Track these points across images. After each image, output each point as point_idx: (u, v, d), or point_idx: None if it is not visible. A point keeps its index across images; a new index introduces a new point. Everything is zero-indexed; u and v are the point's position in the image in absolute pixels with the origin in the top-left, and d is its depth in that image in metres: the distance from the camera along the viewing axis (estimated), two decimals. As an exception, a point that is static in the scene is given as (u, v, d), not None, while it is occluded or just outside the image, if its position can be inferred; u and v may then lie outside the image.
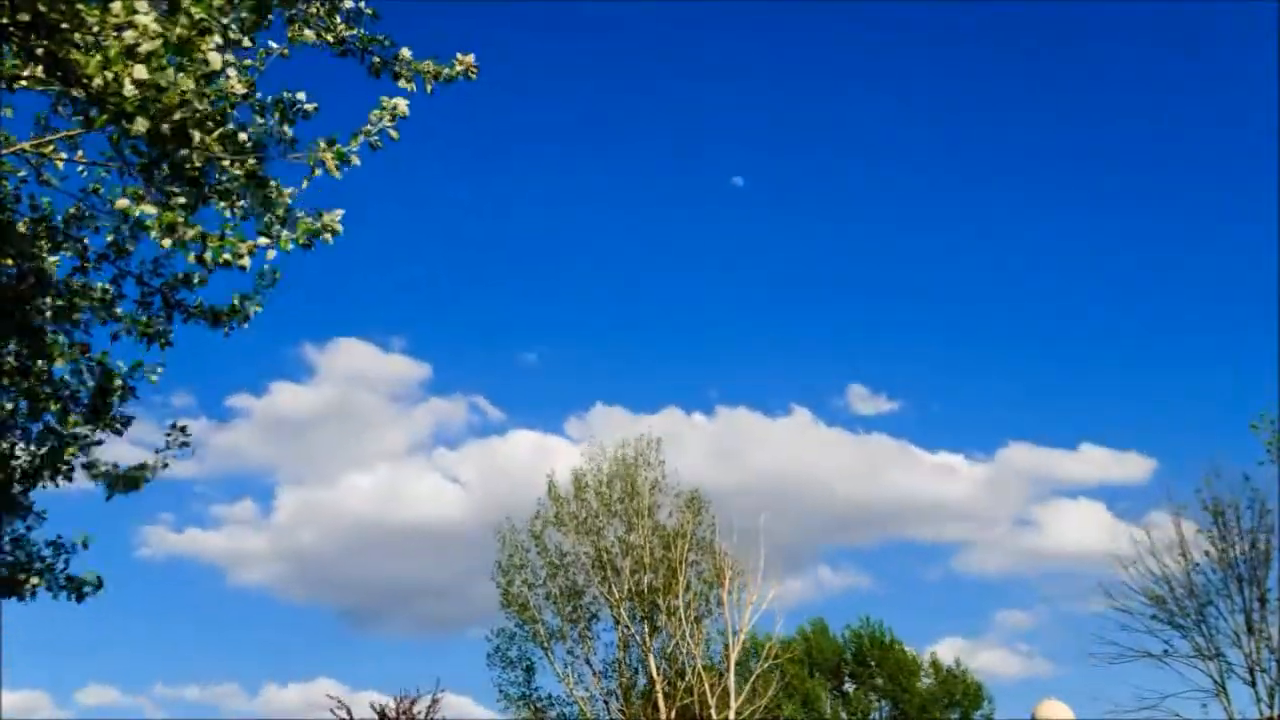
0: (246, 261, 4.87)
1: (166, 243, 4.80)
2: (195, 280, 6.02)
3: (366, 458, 59.58)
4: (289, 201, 5.03)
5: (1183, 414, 60.59)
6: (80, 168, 6.02)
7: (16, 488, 6.08)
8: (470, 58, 5.85)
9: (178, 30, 4.14)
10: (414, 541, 53.26)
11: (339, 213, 5.17)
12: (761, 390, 69.89)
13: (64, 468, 6.16)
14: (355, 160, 5.12)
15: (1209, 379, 61.78)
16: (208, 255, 4.77)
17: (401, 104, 5.26)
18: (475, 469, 53.29)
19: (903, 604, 55.07)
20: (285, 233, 5.06)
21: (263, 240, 5.01)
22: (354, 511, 52.69)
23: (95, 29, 4.15)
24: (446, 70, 5.80)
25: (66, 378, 6.28)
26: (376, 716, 25.34)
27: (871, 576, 57.51)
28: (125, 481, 6.18)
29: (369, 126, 5.20)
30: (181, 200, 5.03)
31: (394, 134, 5.23)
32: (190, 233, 4.82)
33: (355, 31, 5.83)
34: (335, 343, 56.19)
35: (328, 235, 5.12)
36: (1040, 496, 60.56)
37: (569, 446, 52.41)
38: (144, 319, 6.03)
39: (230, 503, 60.44)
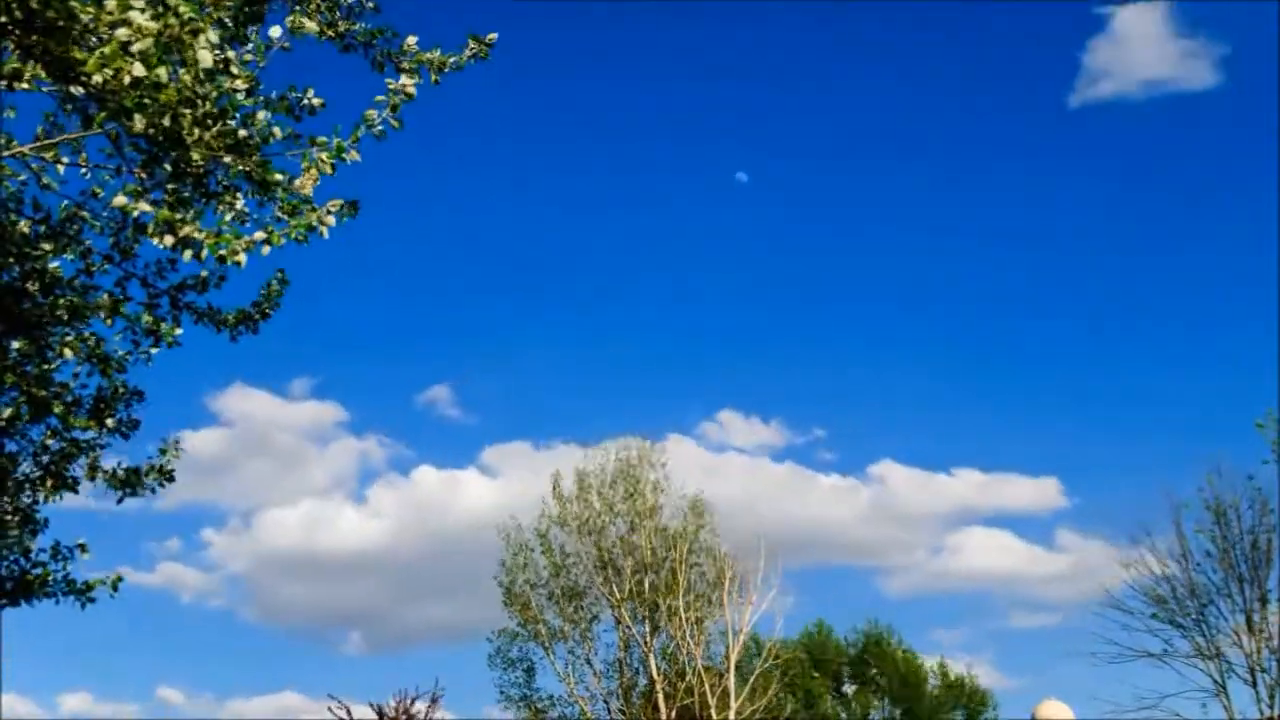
0: (242, 258, 4.82)
1: (168, 240, 4.78)
2: (204, 284, 6.01)
3: (286, 496, 63.04)
4: (309, 193, 4.95)
5: (1088, 440, 61.50)
6: (83, 170, 6.02)
7: (24, 499, 6.10)
8: (492, 36, 5.66)
9: (168, 28, 4.14)
10: (342, 569, 56.24)
11: (336, 203, 5.07)
12: (648, 419, 70.57)
13: (70, 480, 6.17)
14: (355, 156, 5.05)
15: (1133, 407, 61.88)
16: (204, 252, 4.74)
17: (409, 86, 5.18)
18: (391, 503, 56.21)
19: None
20: (277, 229, 4.98)
21: (259, 236, 4.95)
22: (280, 544, 55.49)
23: (90, 26, 4.16)
24: (455, 57, 5.60)
25: (70, 381, 6.29)
26: (376, 717, 25.37)
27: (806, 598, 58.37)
28: (127, 484, 6.21)
29: (371, 111, 5.11)
30: (181, 197, 5.02)
31: (396, 123, 5.14)
32: (187, 229, 4.80)
33: (356, 26, 5.76)
34: (236, 389, 56.92)
35: (323, 228, 5.04)
36: (951, 522, 59.92)
37: (479, 477, 54.85)
38: (150, 319, 6.02)
39: (161, 540, 60.91)
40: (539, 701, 33.54)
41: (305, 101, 5.29)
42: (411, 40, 5.63)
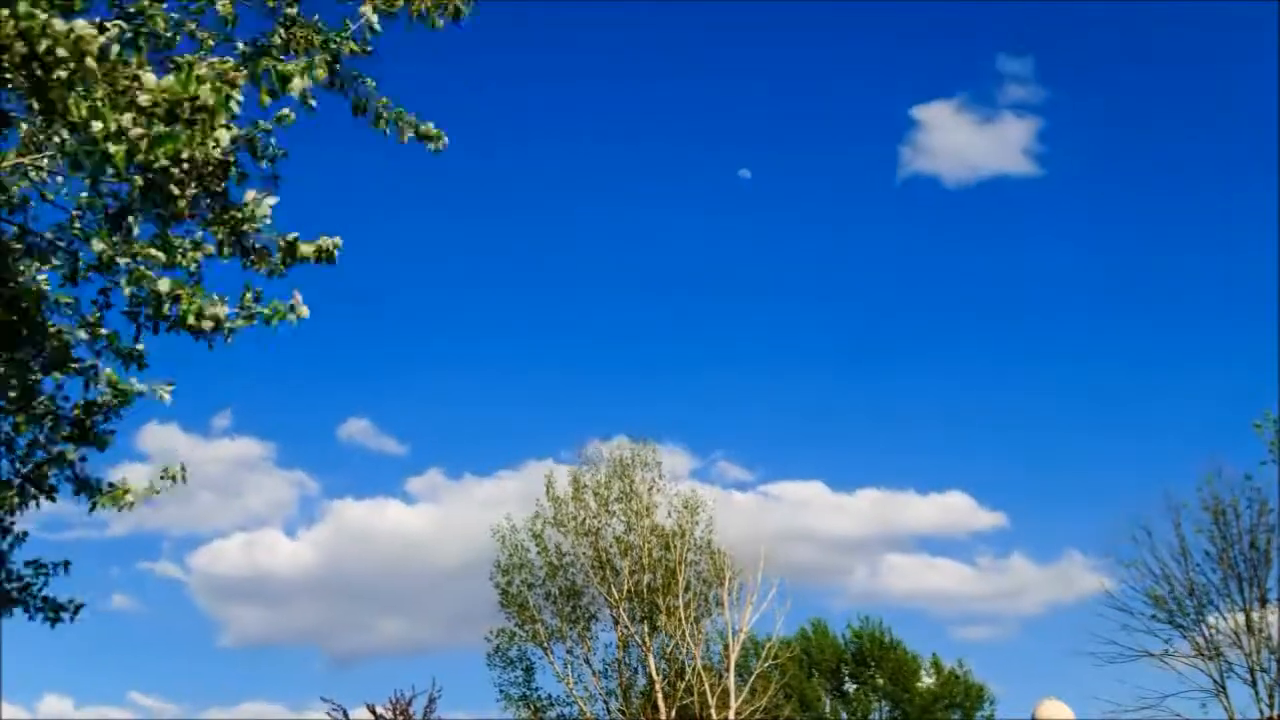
0: (208, 325, 4.87)
1: (129, 291, 4.81)
2: (178, 295, 5.98)
3: (221, 528, 65.37)
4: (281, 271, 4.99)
5: (1036, 469, 60.94)
6: (66, 191, 5.97)
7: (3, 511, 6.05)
8: (442, 135, 5.76)
9: (198, 101, 4.09)
10: (289, 592, 58.20)
11: (298, 301, 5.08)
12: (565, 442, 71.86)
13: (49, 487, 6.11)
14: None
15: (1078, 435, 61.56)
16: (179, 309, 4.80)
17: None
18: (323, 532, 57.77)
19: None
20: (253, 310, 5.03)
21: (225, 312, 4.99)
22: (223, 570, 56.83)
23: (99, 84, 4.08)
24: (423, 127, 5.71)
25: (54, 393, 6.23)
26: (371, 718, 25.37)
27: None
28: (110, 498, 6.13)
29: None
30: (153, 251, 5.05)
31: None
32: (163, 284, 4.82)
33: (346, 70, 5.75)
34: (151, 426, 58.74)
35: (293, 317, 5.05)
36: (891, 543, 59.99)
37: (402, 507, 56.19)
38: (123, 345, 5.98)
39: (104, 567, 62.04)
40: (538, 701, 33.55)
41: (271, 151, 5.27)
42: (384, 100, 5.70)
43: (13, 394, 6.01)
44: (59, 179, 5.95)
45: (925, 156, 65.93)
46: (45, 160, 5.85)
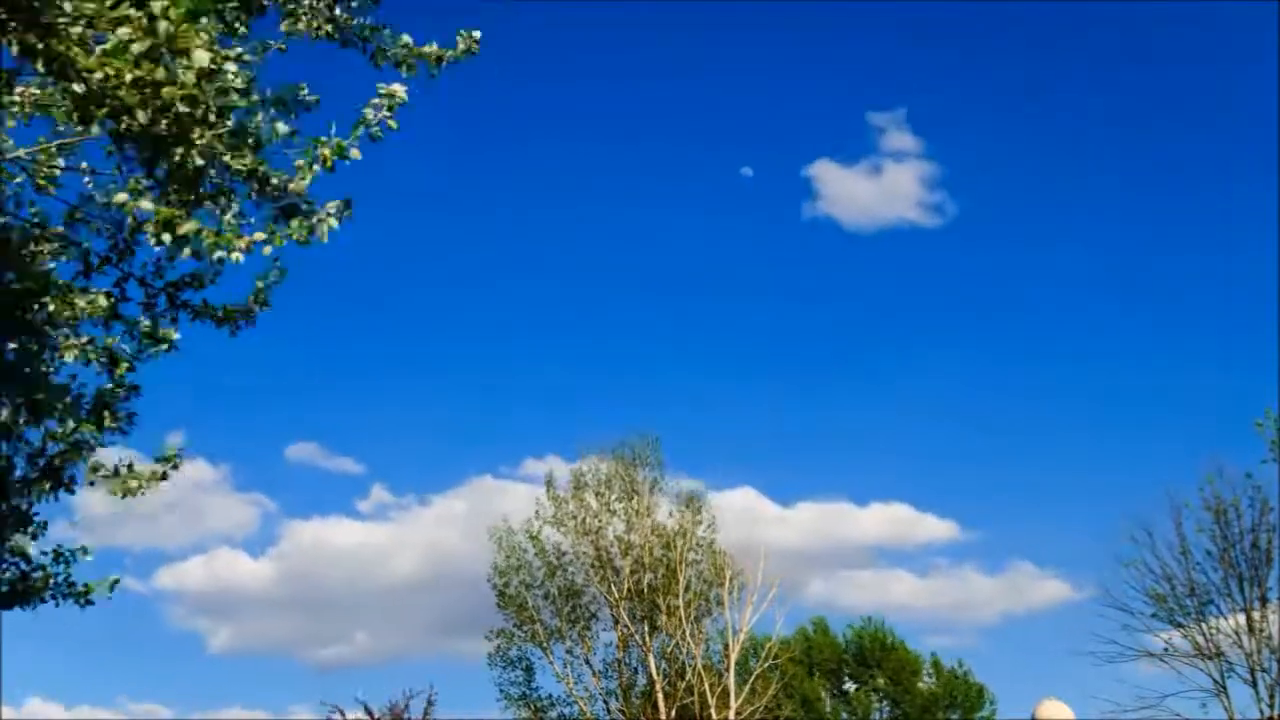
0: (240, 256, 4.78)
1: (165, 238, 4.73)
2: (200, 280, 5.96)
3: (181, 549, 66.68)
4: (304, 190, 4.92)
5: (990, 479, 60.90)
6: (85, 179, 5.95)
7: (22, 501, 6.03)
8: (476, 33, 5.76)
9: (164, 26, 4.08)
10: (257, 608, 60.03)
11: (334, 204, 5.04)
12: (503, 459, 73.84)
13: (66, 479, 6.10)
14: (355, 154, 5.03)
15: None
16: (202, 249, 4.70)
17: (400, 91, 5.18)
18: (285, 548, 59.71)
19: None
20: (278, 230, 4.95)
21: (259, 236, 4.91)
22: (189, 587, 59.08)
23: (90, 21, 4.09)
24: (450, 52, 5.71)
25: (69, 382, 6.22)
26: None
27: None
28: (124, 488, 6.13)
29: (369, 113, 5.11)
30: (181, 196, 4.96)
31: (393, 123, 5.14)
32: (187, 226, 4.74)
33: (355, 21, 5.76)
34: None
35: (323, 230, 5.01)
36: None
37: (355, 524, 58.71)
38: (148, 324, 5.96)
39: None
40: (538, 701, 33.52)
41: (301, 98, 5.26)
42: (406, 38, 5.72)
43: (24, 385, 6.00)
44: (59, 169, 5.94)
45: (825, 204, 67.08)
46: (50, 150, 5.85)
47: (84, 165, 5.73)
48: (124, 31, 4.10)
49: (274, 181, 4.95)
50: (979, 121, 66.41)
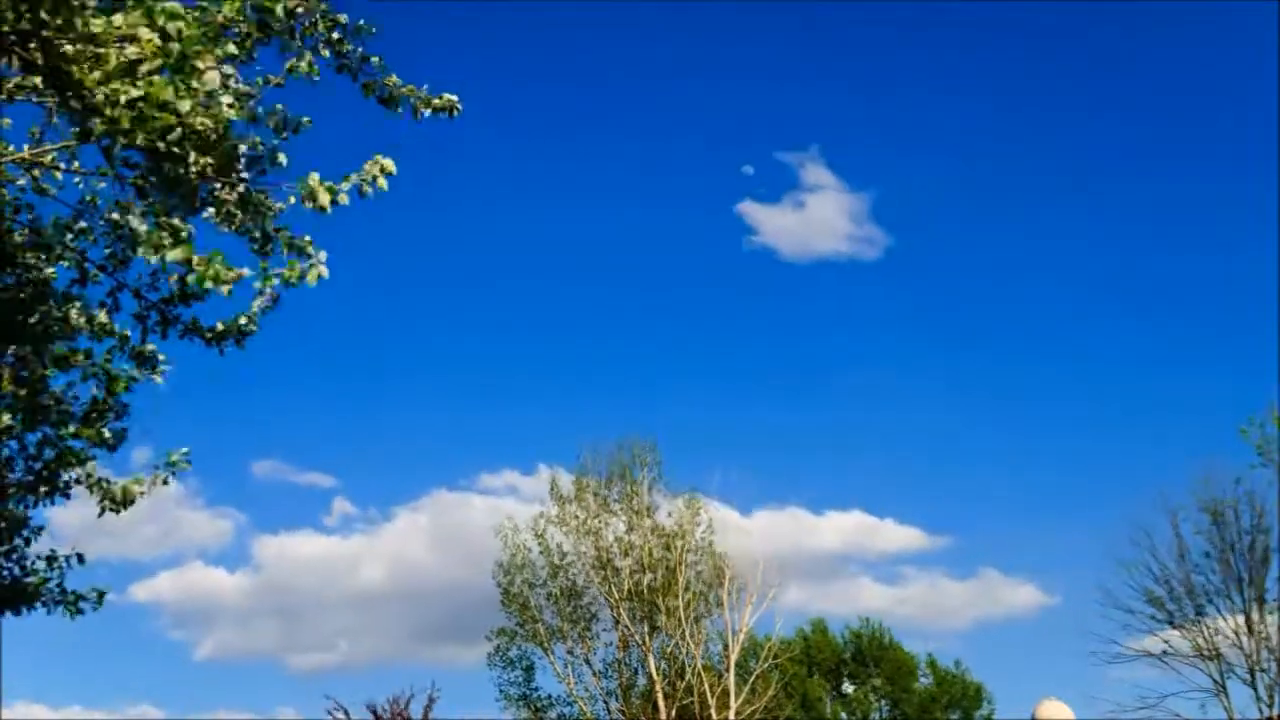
0: (228, 290, 4.84)
1: (153, 258, 4.78)
2: (191, 296, 6.00)
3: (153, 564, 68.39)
4: (279, 231, 4.98)
5: (948, 487, 61.66)
6: (77, 179, 6.00)
7: (18, 506, 6.09)
8: (454, 98, 5.85)
9: (177, 47, 4.13)
10: (234, 619, 61.14)
11: (323, 255, 5.10)
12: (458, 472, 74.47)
13: (61, 485, 6.16)
14: (344, 199, 5.04)
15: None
16: (190, 278, 4.75)
17: (389, 164, 5.21)
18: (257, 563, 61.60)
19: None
20: (272, 270, 5.00)
21: (246, 272, 4.95)
22: (166, 600, 60.42)
23: (98, 41, 4.13)
24: (435, 100, 5.78)
25: (63, 389, 6.27)
26: (371, 717, 25.44)
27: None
28: (120, 497, 6.18)
29: (363, 174, 5.13)
30: (171, 219, 5.02)
31: (383, 183, 5.16)
32: (174, 253, 4.79)
33: (351, 48, 5.78)
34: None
35: (313, 275, 5.06)
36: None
37: (323, 537, 60.60)
38: (135, 345, 6.01)
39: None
40: (538, 701, 33.57)
41: (297, 123, 5.30)
42: (394, 79, 5.77)
43: (22, 390, 6.05)
44: (58, 174, 5.98)
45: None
46: (49, 156, 5.89)
47: (76, 165, 5.76)
48: (132, 51, 4.15)
49: (263, 207, 5.03)
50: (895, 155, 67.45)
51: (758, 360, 65.15)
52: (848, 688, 44.56)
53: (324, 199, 4.85)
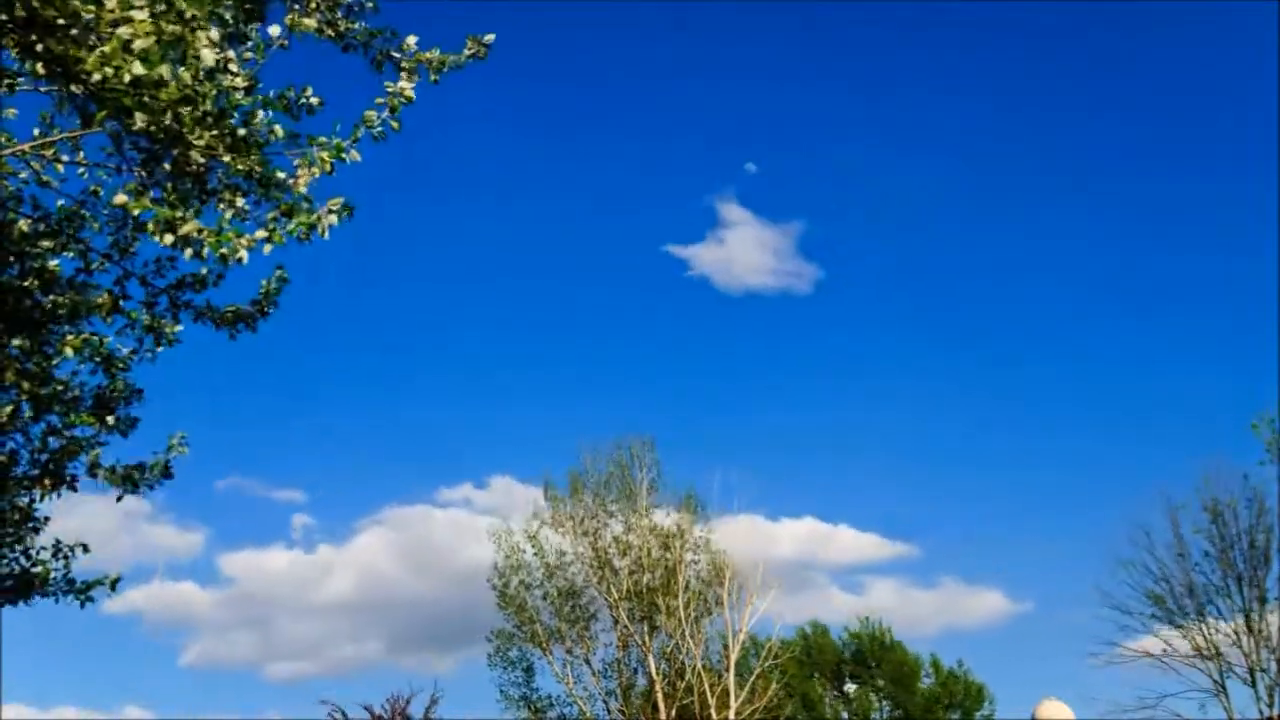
0: (244, 255, 4.79)
1: (168, 239, 4.74)
2: (203, 282, 5.99)
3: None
4: (304, 189, 4.93)
5: (907, 494, 61.70)
6: (81, 169, 5.98)
7: (23, 498, 6.08)
8: (488, 37, 5.69)
9: (169, 26, 4.11)
10: (212, 629, 63.02)
11: (336, 202, 5.04)
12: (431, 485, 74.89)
13: (68, 476, 6.15)
14: (355, 155, 5.05)
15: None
16: (205, 250, 4.71)
17: (408, 89, 5.20)
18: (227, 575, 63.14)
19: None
20: (279, 228, 4.94)
21: (260, 234, 4.91)
22: (143, 613, 60.88)
23: (91, 25, 4.12)
24: (454, 57, 5.66)
25: (69, 378, 6.26)
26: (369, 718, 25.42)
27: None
28: (126, 481, 6.17)
29: (371, 113, 5.12)
30: (181, 195, 4.98)
31: (395, 124, 5.15)
32: (187, 227, 4.75)
33: (356, 25, 5.75)
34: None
35: (324, 228, 5.01)
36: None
37: (285, 551, 62.47)
38: (148, 317, 5.99)
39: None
40: (538, 701, 33.53)
41: (304, 100, 5.28)
42: (411, 40, 5.65)
43: (25, 381, 6.04)
44: (60, 166, 5.97)
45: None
46: (51, 145, 5.88)
47: (81, 156, 5.75)
48: (124, 31, 4.14)
49: (275, 181, 4.97)
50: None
51: (755, 363, 65.36)
52: (849, 688, 44.53)
53: (326, 163, 4.85)
